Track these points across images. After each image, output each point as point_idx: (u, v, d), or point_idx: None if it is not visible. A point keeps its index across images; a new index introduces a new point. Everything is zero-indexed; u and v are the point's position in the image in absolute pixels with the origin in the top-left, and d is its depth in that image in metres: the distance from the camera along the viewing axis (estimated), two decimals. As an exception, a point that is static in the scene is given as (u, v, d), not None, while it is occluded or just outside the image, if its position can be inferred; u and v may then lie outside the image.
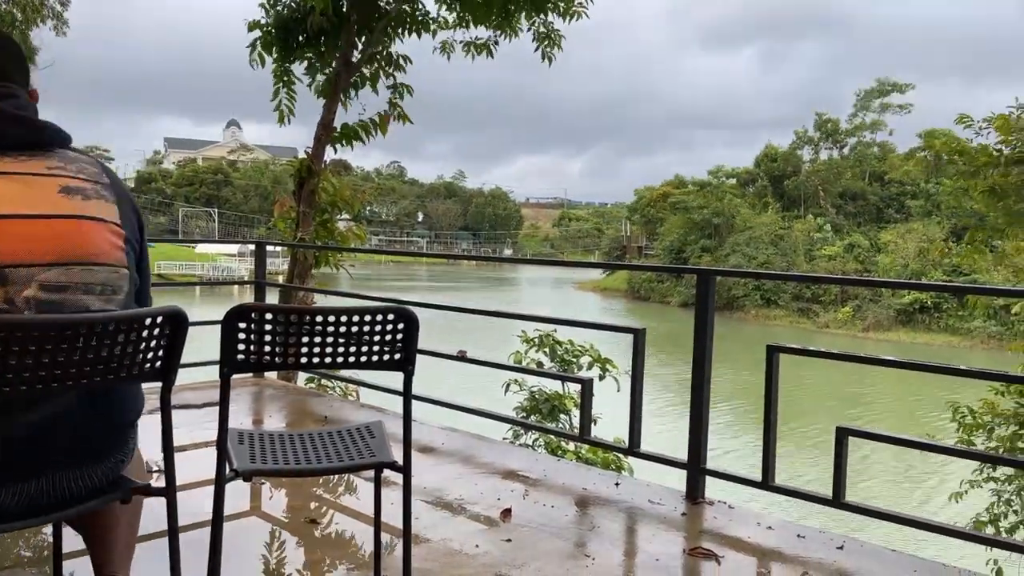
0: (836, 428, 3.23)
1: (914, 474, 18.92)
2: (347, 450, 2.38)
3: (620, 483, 3.86)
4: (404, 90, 8.47)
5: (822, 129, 57.34)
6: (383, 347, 2.26)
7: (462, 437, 4.54)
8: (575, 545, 3.10)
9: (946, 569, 2.92)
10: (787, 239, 51.11)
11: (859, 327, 43.73)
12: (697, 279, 3.67)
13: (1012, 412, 9.60)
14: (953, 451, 3.43)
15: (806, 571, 2.89)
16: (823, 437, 18.01)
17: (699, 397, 3.63)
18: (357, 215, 9.61)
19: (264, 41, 7.97)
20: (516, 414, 8.30)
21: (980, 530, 9.38)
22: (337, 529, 3.28)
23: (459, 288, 64.30)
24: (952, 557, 8.31)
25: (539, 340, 8.78)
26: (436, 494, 3.60)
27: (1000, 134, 9.45)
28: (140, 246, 1.90)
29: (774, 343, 3.42)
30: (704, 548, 3.06)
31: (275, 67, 8.16)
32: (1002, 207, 9.68)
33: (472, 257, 46.95)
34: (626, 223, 74.28)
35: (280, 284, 9.44)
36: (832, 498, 3.22)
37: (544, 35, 8.25)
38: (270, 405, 5.36)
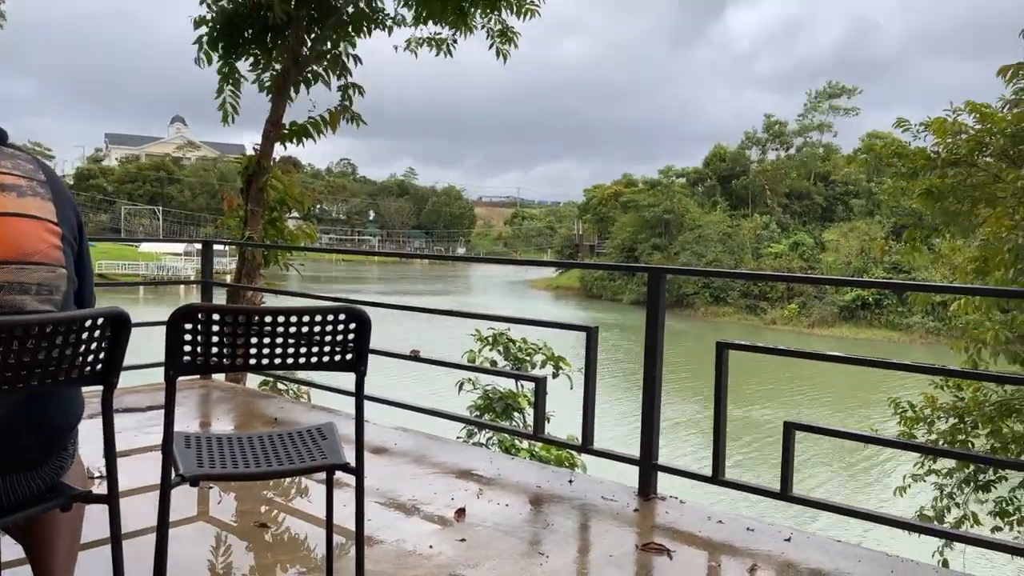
0: (783, 423, 3.30)
1: (868, 464, 19.48)
2: (298, 452, 2.34)
3: (574, 480, 3.88)
4: (356, 90, 8.37)
5: (770, 130, 58.62)
6: (334, 348, 2.23)
7: (415, 437, 4.51)
8: (529, 543, 3.10)
9: (889, 559, 3.01)
10: (735, 237, 52.13)
11: (805, 323, 44.85)
12: (648, 277, 3.70)
13: (951, 406, 9.94)
14: (894, 443, 3.53)
15: (755, 563, 2.94)
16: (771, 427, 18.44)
17: (651, 393, 3.67)
18: (307, 213, 9.47)
19: (210, 38, 7.79)
20: (470, 413, 8.29)
21: (923, 522, 9.69)
22: (288, 532, 3.23)
23: (412, 290, 63.96)
24: (898, 548, 8.56)
25: (492, 339, 8.77)
26: (389, 495, 3.57)
27: (936, 137, 9.77)
28: (79, 245, 1.84)
29: (723, 340, 3.48)
30: (656, 543, 3.09)
31: (220, 64, 7.98)
32: (939, 207, 10.00)
33: (425, 256, 46.67)
34: (578, 222, 74.82)
35: (228, 284, 9.26)
36: (780, 491, 3.29)
37: (499, 32, 8.25)
38: (218, 407, 5.25)
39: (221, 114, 8.04)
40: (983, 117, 9.36)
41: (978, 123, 9.42)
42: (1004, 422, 9.56)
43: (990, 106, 9.38)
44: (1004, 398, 9.59)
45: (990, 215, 9.48)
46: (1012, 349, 8.90)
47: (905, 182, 10.51)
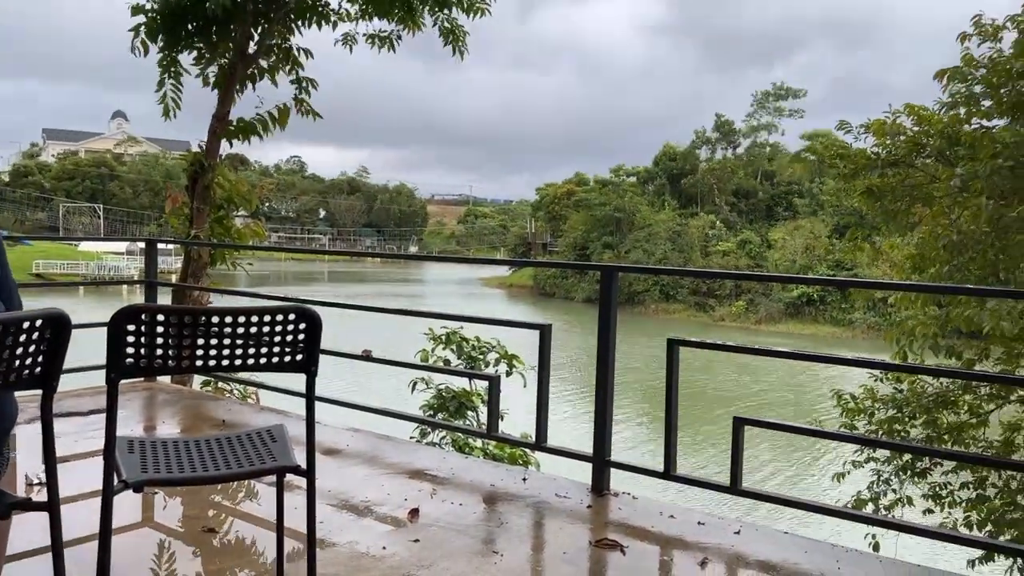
0: (733, 418, 3.36)
1: (820, 453, 19.94)
2: (247, 455, 2.29)
3: (528, 478, 3.89)
4: (309, 84, 8.24)
5: (720, 129, 59.65)
6: (284, 348, 2.20)
7: (367, 438, 4.46)
8: (483, 542, 3.10)
9: (834, 549, 3.09)
10: (684, 236, 52.93)
11: (752, 320, 45.80)
12: (601, 275, 3.73)
13: (890, 397, 10.27)
14: (838, 436, 3.63)
15: (706, 557, 2.99)
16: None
17: (603, 390, 3.70)
18: (255, 211, 9.30)
19: (149, 28, 7.57)
20: (423, 413, 8.25)
21: (861, 508, 9.99)
22: (237, 537, 3.17)
23: (363, 292, 63.36)
24: (848, 537, 8.82)
25: (446, 337, 8.74)
26: (341, 497, 3.53)
27: (876, 138, 10.07)
28: None
29: (674, 337, 3.53)
30: (609, 539, 3.12)
31: (161, 56, 7.76)
32: (879, 206, 10.32)
33: (376, 254, 46.39)
34: (531, 220, 75.06)
35: (173, 283, 9.04)
36: (730, 485, 3.35)
37: (448, 30, 8.21)
38: (163, 411, 5.12)
39: (162, 108, 7.83)
40: (920, 119, 9.68)
41: (916, 125, 9.74)
42: (939, 413, 9.91)
43: (927, 108, 9.70)
44: (940, 390, 9.95)
45: (927, 214, 9.81)
46: (941, 343, 9.23)
47: (847, 182, 10.80)
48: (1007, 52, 8.48)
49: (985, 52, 8.76)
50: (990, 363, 9.49)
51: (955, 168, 8.77)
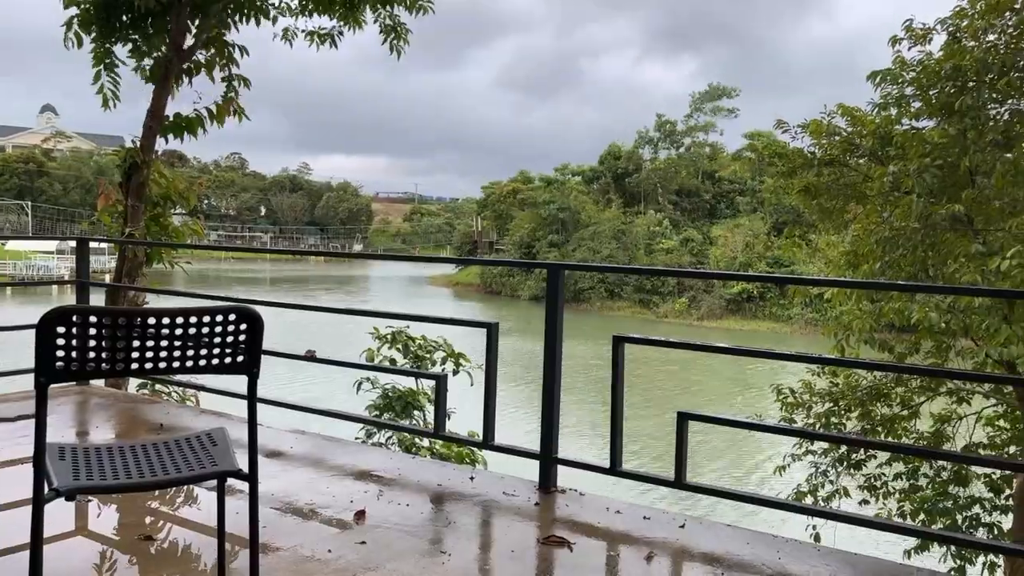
0: (677, 413, 3.40)
1: (758, 450, 20.40)
2: (185, 460, 2.23)
3: (475, 477, 3.88)
4: (241, 82, 8.05)
5: (662, 129, 60.51)
6: (224, 349, 2.14)
7: (312, 439, 4.39)
8: (431, 542, 3.08)
9: (775, 540, 3.16)
10: (629, 234, 53.58)
11: (695, 316, 46.63)
12: (547, 273, 3.74)
13: (827, 391, 10.58)
14: (778, 430, 3.71)
15: (651, 551, 3.03)
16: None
17: (550, 387, 3.71)
18: (193, 209, 9.06)
19: (83, 19, 7.30)
20: (369, 413, 8.16)
21: (800, 500, 10.27)
22: (176, 544, 3.08)
23: (308, 289, 62.43)
24: (787, 527, 9.03)
25: (391, 336, 8.66)
26: (285, 500, 3.47)
27: (813, 138, 10.35)
28: None
29: (619, 334, 3.56)
30: (557, 536, 3.14)
31: (94, 48, 7.49)
32: (816, 205, 10.62)
33: (320, 253, 45.69)
34: (477, 218, 74.99)
35: (106, 284, 8.74)
36: (675, 480, 3.40)
37: (390, 28, 8.12)
38: (96, 415, 4.95)
39: (99, 100, 7.57)
40: (854, 120, 9.99)
41: (850, 125, 10.05)
42: (874, 405, 10.27)
43: (860, 109, 10.01)
44: (873, 383, 10.30)
45: (861, 212, 10.14)
46: (877, 337, 9.56)
47: (784, 180, 11.08)
48: (937, 55, 8.81)
49: (915, 55, 9.09)
50: (921, 356, 9.86)
51: (887, 167, 9.07)
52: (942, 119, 8.82)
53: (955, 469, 9.76)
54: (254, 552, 2.25)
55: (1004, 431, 10.20)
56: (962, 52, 8.27)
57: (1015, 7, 7.93)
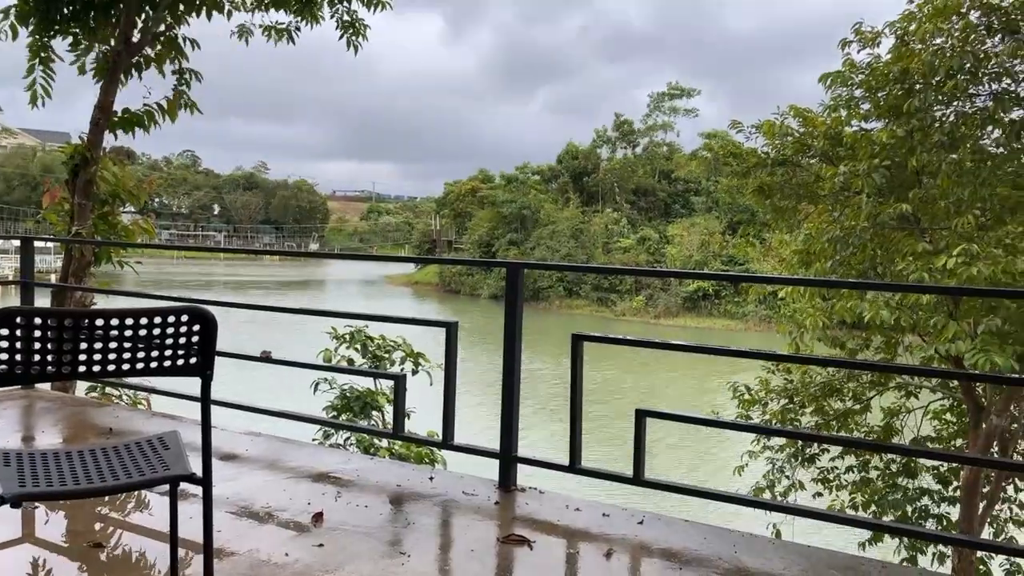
0: (635, 411, 3.43)
1: (717, 446, 20.69)
2: (136, 465, 2.17)
3: (434, 477, 3.86)
4: (192, 76, 7.89)
5: (620, 129, 60.99)
6: (177, 351, 2.09)
7: (268, 441, 4.32)
8: (390, 544, 3.05)
9: (731, 534, 3.21)
10: (587, 233, 53.93)
11: (652, 314, 47.14)
12: (507, 272, 3.74)
13: (782, 388, 10.79)
14: (736, 426, 3.76)
15: (611, 547, 3.05)
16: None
17: (510, 386, 3.71)
18: (144, 207, 8.84)
19: (20, 10, 7.06)
20: (326, 414, 8.06)
21: (759, 495, 10.46)
22: (127, 551, 3.00)
23: (264, 287, 61.51)
24: (744, 521, 9.14)
25: (349, 336, 8.57)
26: (241, 503, 3.40)
27: (766, 138, 10.54)
28: None
29: (579, 332, 3.57)
30: (517, 535, 3.13)
31: (31, 40, 7.25)
32: (769, 204, 10.82)
33: (276, 252, 45.20)
34: (436, 217, 74.71)
35: (52, 284, 8.49)
36: (633, 477, 3.42)
37: (348, 24, 8.04)
38: (42, 420, 4.79)
39: (29, 95, 7.33)
40: (806, 121, 10.19)
41: (802, 126, 10.24)
42: (827, 401, 10.50)
43: (811, 110, 10.22)
44: (826, 379, 10.53)
45: (813, 211, 10.35)
46: (829, 334, 9.78)
47: (739, 180, 11.25)
48: (885, 58, 9.03)
49: (864, 58, 9.30)
50: (871, 352, 10.12)
51: (838, 168, 9.27)
52: (890, 121, 9.04)
53: (904, 462, 10.04)
54: (208, 557, 2.21)
55: (951, 424, 10.53)
56: (910, 55, 8.48)
57: (961, 11, 8.16)
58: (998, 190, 8.31)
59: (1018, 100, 8.15)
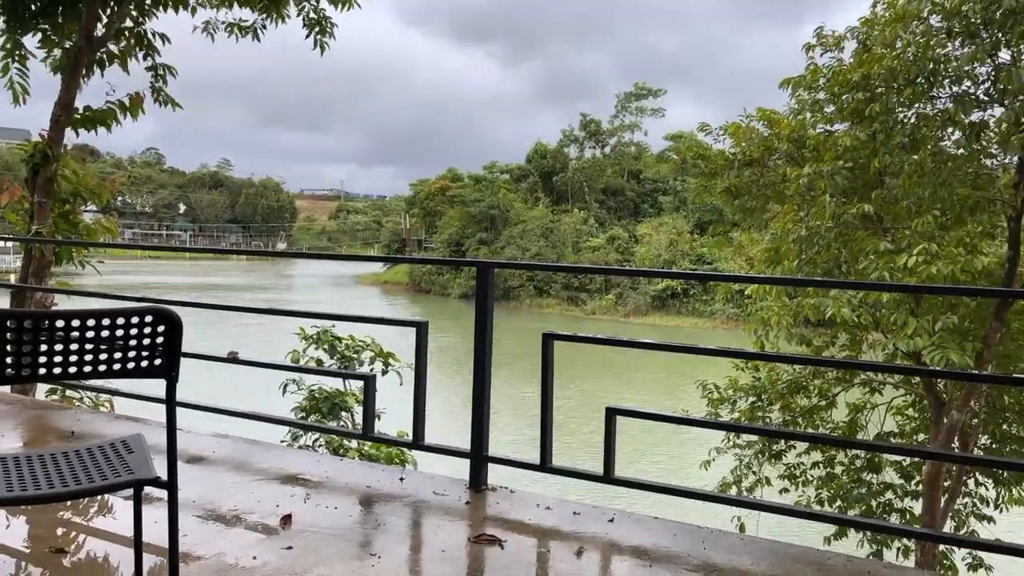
0: (605, 409, 3.45)
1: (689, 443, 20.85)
2: (99, 469, 2.13)
3: (405, 478, 3.84)
4: (167, 71, 7.76)
5: (587, 129, 61.23)
6: (141, 353, 2.06)
7: (235, 443, 4.27)
8: (360, 545, 3.03)
9: (700, 530, 3.24)
10: (556, 232, 54.09)
11: (621, 313, 47.44)
12: (477, 271, 3.73)
13: (750, 386, 10.93)
14: (705, 423, 3.80)
15: (582, 546, 3.06)
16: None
17: (480, 385, 3.70)
18: (106, 206, 8.68)
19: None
20: (295, 415, 7.99)
21: (726, 491, 10.58)
22: (91, 556, 2.94)
23: (232, 287, 60.72)
24: (713, 517, 9.22)
25: (317, 337, 8.49)
26: (207, 507, 3.35)
27: (733, 140, 10.67)
28: None
29: (549, 331, 3.58)
30: (488, 534, 3.13)
31: (3, 38, 7.12)
32: (737, 204, 10.96)
33: (242, 251, 44.31)
34: (405, 216, 74.38)
35: (11, 284, 8.29)
36: (603, 475, 3.44)
37: (315, 21, 7.96)
38: (2, 423, 4.68)
39: (10, 94, 7.19)
40: (772, 123, 10.33)
41: (768, 128, 10.39)
42: (793, 398, 10.66)
43: (777, 112, 10.36)
44: (793, 377, 10.70)
45: (779, 211, 10.50)
46: (796, 332, 9.93)
47: (707, 181, 11.37)
48: (848, 62, 9.18)
49: (828, 62, 9.45)
50: (836, 349, 10.29)
51: (803, 169, 9.41)
52: (853, 123, 9.20)
53: (868, 457, 10.22)
54: (174, 562, 2.17)
55: (913, 420, 10.75)
56: (872, 60, 8.64)
57: (921, 16, 8.33)
58: (958, 190, 8.50)
59: (977, 102, 8.34)
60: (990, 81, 8.28)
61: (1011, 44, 7.99)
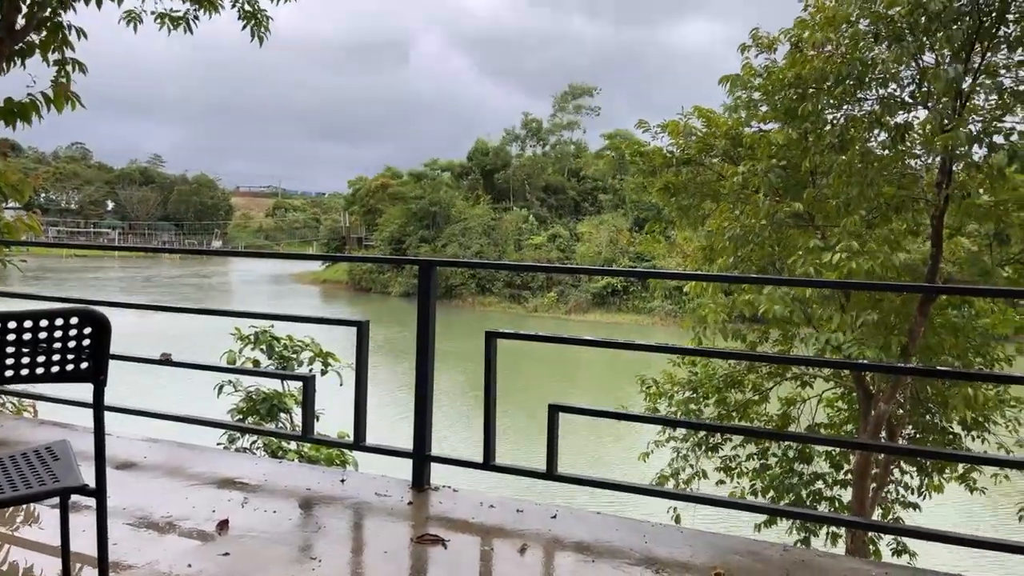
0: (548, 406, 3.46)
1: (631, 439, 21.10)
2: (23, 477, 2.04)
3: (346, 479, 3.79)
4: (76, 66, 7.44)
5: (527, 127, 61.48)
6: (67, 356, 1.97)
7: (167, 448, 4.14)
8: (300, 549, 2.97)
9: (640, 525, 3.28)
10: (498, 230, 54.17)
11: (563, 310, 47.82)
12: (419, 270, 3.70)
13: (687, 380, 11.14)
14: (645, 419, 3.85)
15: (525, 543, 3.07)
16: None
17: (423, 384, 3.68)
18: (29, 203, 8.31)
19: None
20: (231, 417, 7.79)
21: (663, 483, 10.77)
22: (15, 567, 2.81)
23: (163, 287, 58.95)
24: (653, 510, 9.40)
25: (255, 337, 8.30)
26: (139, 514, 3.24)
27: (671, 138, 10.84)
28: None
29: (492, 329, 3.58)
30: (431, 534, 3.11)
31: None
32: (674, 202, 11.13)
33: (174, 250, 43.06)
34: (345, 214, 73.36)
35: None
36: (546, 472, 3.45)
37: (250, 14, 7.76)
38: (-84, 431, 4.44)
39: None
40: (709, 122, 10.53)
41: (705, 127, 10.58)
42: (728, 392, 10.91)
43: (714, 112, 10.57)
44: (728, 371, 10.94)
45: (715, 209, 10.71)
46: (730, 328, 10.17)
47: (645, 179, 11.52)
48: (781, 63, 9.42)
49: (762, 62, 9.68)
50: (769, 344, 10.57)
51: (738, 167, 9.62)
52: (786, 123, 9.45)
53: (800, 448, 10.54)
54: (103, 572, 2.09)
55: (842, 411, 11.12)
56: (803, 61, 8.89)
57: (851, 19, 8.59)
58: (884, 189, 8.81)
59: (902, 105, 8.65)
60: (914, 84, 8.60)
61: (935, 48, 8.33)
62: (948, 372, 7.66)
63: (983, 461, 6.91)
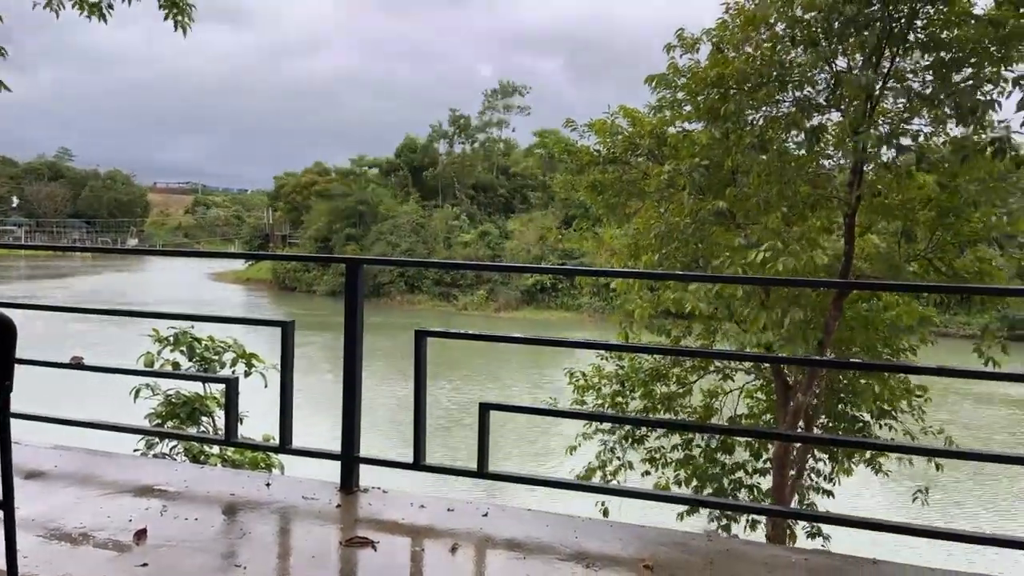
0: (479, 404, 3.45)
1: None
2: (-82, 492, 1.91)
3: (272, 483, 3.70)
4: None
5: (455, 124, 61.29)
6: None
7: (79, 455, 3.95)
8: (223, 557, 2.89)
9: (571, 520, 3.31)
10: (428, 227, 53.87)
11: (492, 308, 47.92)
12: (346, 268, 3.64)
13: (614, 373, 11.32)
14: (574, 414, 3.89)
15: (456, 542, 3.05)
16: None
17: (351, 384, 3.62)
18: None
19: None
20: (150, 422, 7.50)
21: (591, 476, 10.92)
22: (-91, 590, 2.63)
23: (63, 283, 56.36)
24: (581, 504, 9.44)
25: (174, 339, 8.00)
26: (50, 526, 3.09)
27: (598, 136, 10.98)
28: None
29: (421, 328, 3.55)
30: (360, 537, 3.07)
31: None
32: (601, 200, 11.29)
33: (85, 249, 41.05)
34: (269, 211, 71.65)
35: None
36: (477, 470, 3.45)
37: (170, 3, 7.48)
38: None
39: None
40: (634, 121, 10.71)
41: (630, 126, 10.76)
42: (654, 385, 11.14)
43: (639, 111, 10.75)
44: (654, 365, 11.17)
45: (641, 207, 10.91)
46: (655, 323, 10.39)
47: (573, 177, 11.65)
48: (704, 63, 9.65)
49: (686, 62, 9.89)
50: (693, 339, 10.84)
51: (663, 166, 9.82)
52: (709, 123, 9.68)
53: (722, 439, 10.85)
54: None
55: (762, 402, 11.49)
56: (725, 62, 9.13)
57: (769, 22, 8.87)
58: (801, 189, 9.14)
59: (817, 107, 8.99)
60: (828, 88, 8.95)
61: (847, 52, 8.67)
62: (859, 364, 8.00)
63: (893, 449, 7.26)
